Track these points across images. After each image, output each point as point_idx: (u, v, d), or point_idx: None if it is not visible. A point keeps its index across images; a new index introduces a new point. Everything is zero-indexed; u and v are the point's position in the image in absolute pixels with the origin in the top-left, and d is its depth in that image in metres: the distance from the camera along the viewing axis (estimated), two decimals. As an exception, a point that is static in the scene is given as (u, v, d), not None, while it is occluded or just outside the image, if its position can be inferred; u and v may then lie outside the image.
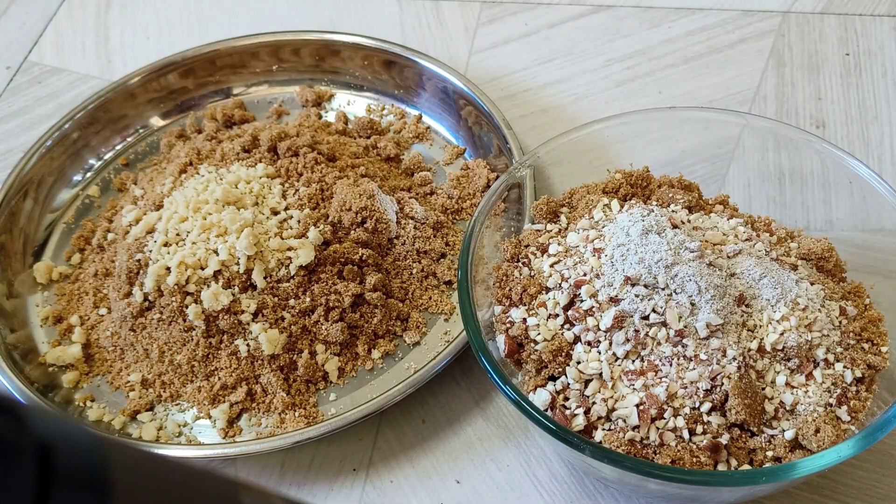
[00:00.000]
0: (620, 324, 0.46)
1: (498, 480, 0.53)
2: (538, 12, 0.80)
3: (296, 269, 0.57)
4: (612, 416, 0.45)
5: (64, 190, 0.71)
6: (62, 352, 0.60)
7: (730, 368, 0.45)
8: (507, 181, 0.54)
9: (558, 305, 0.48)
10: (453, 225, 0.64)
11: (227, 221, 0.57)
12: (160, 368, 0.58)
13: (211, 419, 0.57)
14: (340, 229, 0.60)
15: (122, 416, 0.57)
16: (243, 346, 0.56)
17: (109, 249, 0.65)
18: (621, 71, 0.74)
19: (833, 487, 0.50)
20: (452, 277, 0.61)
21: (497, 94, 0.73)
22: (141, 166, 0.73)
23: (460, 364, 0.56)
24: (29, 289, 0.65)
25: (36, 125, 0.78)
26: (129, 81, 0.74)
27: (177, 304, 0.56)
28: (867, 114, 0.68)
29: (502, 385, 0.44)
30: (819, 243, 0.51)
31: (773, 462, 0.44)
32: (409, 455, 0.54)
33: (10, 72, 0.84)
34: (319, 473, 0.55)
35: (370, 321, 0.58)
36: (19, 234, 0.67)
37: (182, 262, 0.56)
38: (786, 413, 0.45)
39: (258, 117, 0.74)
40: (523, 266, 0.52)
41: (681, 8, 0.78)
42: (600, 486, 0.52)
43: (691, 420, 0.44)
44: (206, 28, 0.85)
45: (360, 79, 0.75)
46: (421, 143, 0.71)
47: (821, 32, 0.74)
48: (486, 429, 0.55)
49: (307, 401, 0.56)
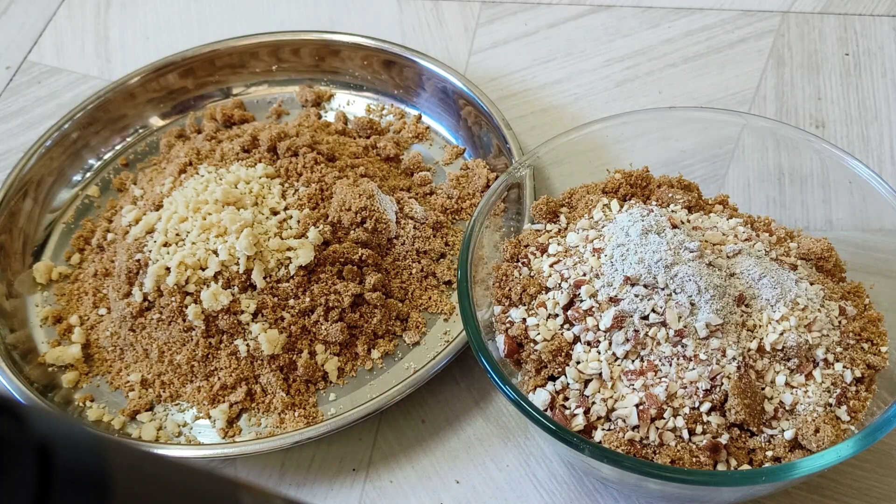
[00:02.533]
0: (620, 324, 0.46)
1: (498, 480, 0.53)
2: (538, 12, 0.80)
3: (295, 270, 0.57)
4: (611, 415, 0.45)
5: (63, 190, 0.71)
6: (62, 352, 0.60)
7: (729, 368, 0.45)
8: (507, 181, 0.54)
9: (558, 305, 0.48)
10: (453, 225, 0.64)
11: (226, 221, 0.57)
12: (160, 368, 0.58)
13: (210, 419, 0.57)
14: (340, 229, 0.60)
15: (122, 416, 0.57)
16: (243, 346, 0.56)
17: (109, 249, 0.65)
18: (621, 71, 0.74)
19: (833, 487, 0.50)
20: (452, 277, 0.61)
21: (497, 94, 0.73)
22: (140, 166, 0.73)
23: (460, 364, 0.56)
24: (29, 289, 0.65)
25: (36, 125, 0.78)
26: (128, 81, 0.74)
27: (176, 304, 0.56)
28: (867, 114, 0.68)
29: (502, 385, 0.44)
30: (819, 243, 0.51)
31: (772, 462, 0.44)
32: (408, 455, 0.54)
33: (10, 72, 0.84)
34: (319, 473, 0.55)
35: (370, 321, 0.58)
36: (19, 234, 0.67)
37: (182, 263, 0.56)
38: (785, 413, 0.45)
39: (258, 117, 0.74)
40: (523, 266, 0.52)
41: (681, 8, 0.78)
42: (600, 486, 0.52)
43: (691, 420, 0.44)
44: (206, 28, 0.85)
45: (360, 79, 0.75)
46: (420, 143, 0.71)
47: (820, 32, 0.74)
48: (485, 429, 0.55)
49: (307, 401, 0.56)
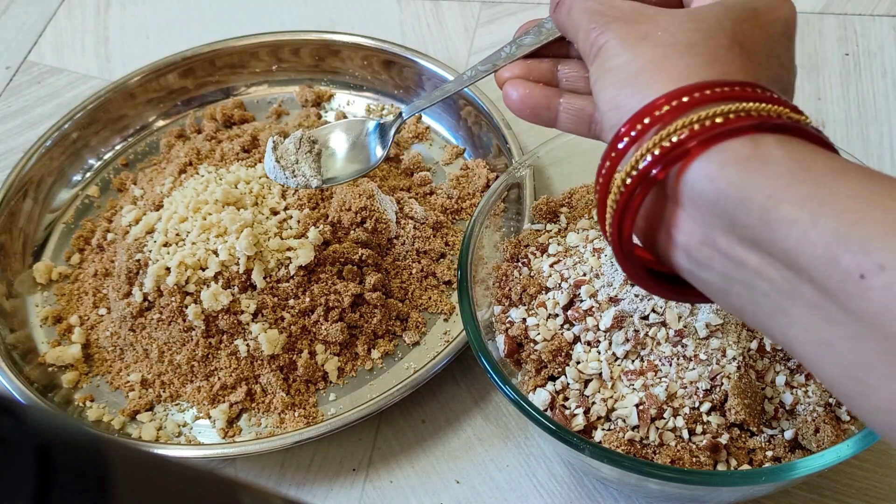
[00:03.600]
0: (620, 324, 0.46)
1: (498, 480, 0.53)
2: (538, 12, 0.80)
3: (295, 270, 0.57)
4: (611, 415, 0.45)
5: (63, 190, 0.71)
6: (62, 352, 0.60)
7: (729, 368, 0.45)
8: (507, 181, 0.54)
9: (558, 305, 0.48)
10: (453, 225, 0.64)
11: (226, 222, 0.57)
12: (160, 368, 0.58)
13: (210, 419, 0.57)
14: (340, 229, 0.60)
15: (122, 416, 0.57)
16: (243, 346, 0.56)
17: (109, 249, 0.65)
18: (621, 71, 0.74)
19: (833, 487, 0.50)
20: (452, 277, 0.61)
21: (496, 94, 0.72)
22: (141, 166, 0.73)
23: (460, 364, 0.56)
24: (29, 289, 0.65)
25: (36, 125, 0.78)
26: (128, 81, 0.74)
27: (176, 304, 0.56)
28: (867, 114, 0.68)
29: (502, 385, 0.44)
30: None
31: (772, 462, 0.44)
32: (408, 455, 0.54)
33: (10, 72, 0.84)
34: (319, 473, 0.55)
35: (370, 321, 0.58)
36: (19, 234, 0.67)
37: (182, 263, 0.56)
38: (785, 413, 0.45)
39: (258, 117, 0.74)
40: (523, 266, 0.52)
41: (680, 8, 0.77)
42: (600, 486, 0.52)
43: (691, 420, 0.44)
44: (206, 28, 0.85)
45: (360, 79, 0.75)
46: (420, 142, 0.71)
47: (820, 32, 0.74)
48: (485, 429, 0.55)
49: (307, 401, 0.56)
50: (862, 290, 0.25)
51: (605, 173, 0.32)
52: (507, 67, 0.43)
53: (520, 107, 0.42)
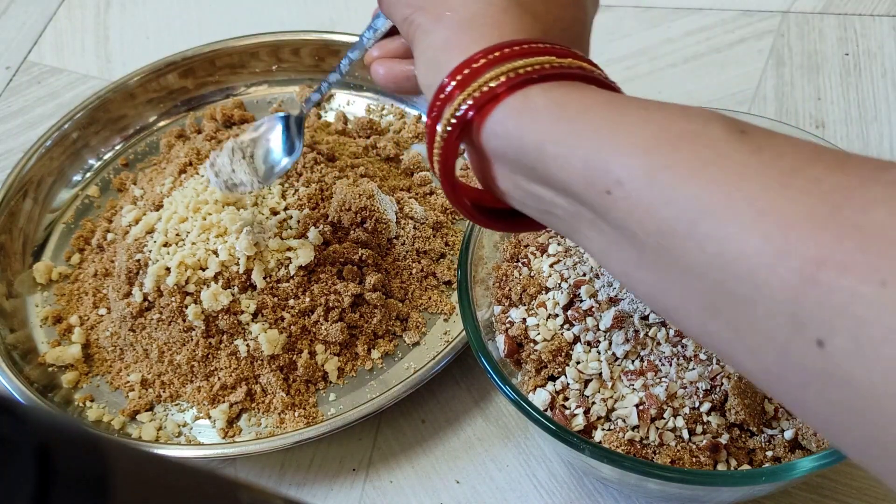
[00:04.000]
0: (620, 324, 0.46)
1: (497, 480, 0.53)
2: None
3: (295, 270, 0.57)
4: (611, 416, 0.45)
5: (63, 190, 0.71)
6: (62, 352, 0.60)
7: (729, 368, 0.45)
8: (507, 181, 0.54)
9: (558, 305, 0.48)
10: (453, 225, 0.64)
11: (226, 222, 0.57)
12: (160, 368, 0.58)
13: (210, 419, 0.57)
14: (340, 229, 0.60)
15: (122, 416, 0.57)
16: (243, 346, 0.56)
17: (109, 249, 0.65)
18: (621, 71, 0.74)
19: (833, 487, 0.50)
20: (452, 277, 0.61)
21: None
22: (141, 166, 0.73)
23: (460, 364, 0.56)
24: (28, 289, 0.65)
25: (36, 125, 0.78)
26: (128, 81, 0.74)
27: (176, 304, 0.56)
28: (866, 114, 0.68)
29: (502, 385, 0.44)
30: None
31: (772, 462, 0.44)
32: (408, 455, 0.54)
33: (10, 72, 0.84)
34: (319, 473, 0.55)
35: (370, 321, 0.58)
36: (19, 234, 0.67)
37: (182, 263, 0.56)
38: (785, 413, 0.45)
39: (258, 117, 0.74)
40: (523, 266, 0.52)
41: (680, 8, 0.78)
42: (600, 486, 0.52)
43: (691, 420, 0.44)
44: (206, 28, 0.85)
45: (360, 79, 0.75)
46: (420, 143, 0.71)
47: (820, 32, 0.74)
48: (485, 429, 0.55)
49: (307, 401, 0.56)
50: (610, 203, 0.30)
51: (430, 123, 0.37)
52: (374, 47, 0.49)
53: (385, 81, 0.47)
